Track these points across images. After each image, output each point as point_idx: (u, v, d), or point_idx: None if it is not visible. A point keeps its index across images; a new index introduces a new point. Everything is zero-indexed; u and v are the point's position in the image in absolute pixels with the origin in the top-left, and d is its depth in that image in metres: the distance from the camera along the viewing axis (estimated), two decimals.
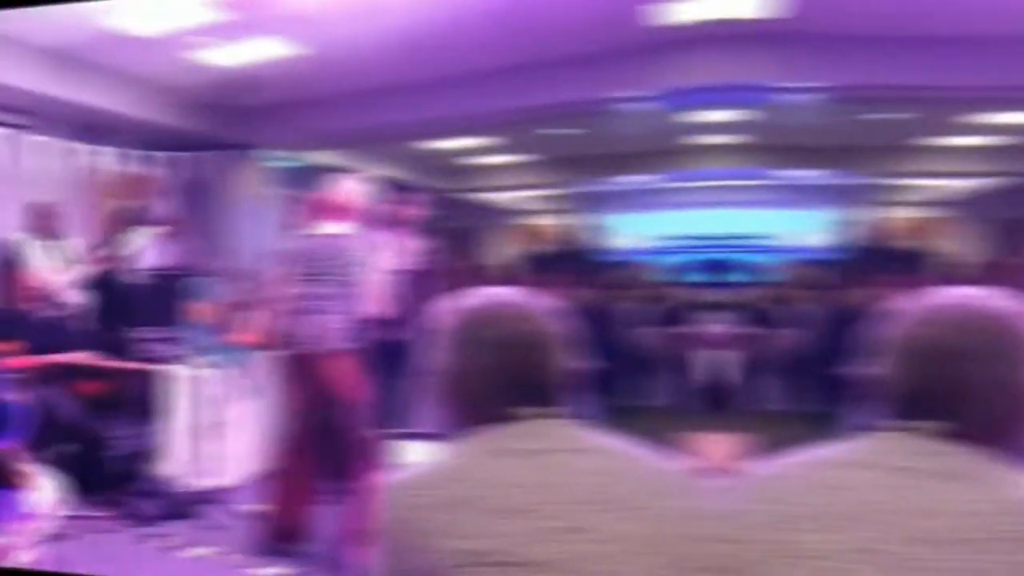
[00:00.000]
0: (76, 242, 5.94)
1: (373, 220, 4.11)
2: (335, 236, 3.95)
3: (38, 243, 5.62)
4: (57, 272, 5.57)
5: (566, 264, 10.20)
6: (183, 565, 4.04)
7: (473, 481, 1.23)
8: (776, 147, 8.52)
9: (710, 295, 7.07)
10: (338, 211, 4.00)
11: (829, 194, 10.58)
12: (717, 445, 3.34)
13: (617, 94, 6.24)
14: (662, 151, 9.92)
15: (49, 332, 5.08)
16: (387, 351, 4.39)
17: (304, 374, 3.92)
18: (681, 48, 5.45)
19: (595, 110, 6.98)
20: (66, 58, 5.51)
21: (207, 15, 5.03)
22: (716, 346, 5.08)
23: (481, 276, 9.08)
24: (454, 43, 5.84)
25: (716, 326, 5.96)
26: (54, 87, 5.51)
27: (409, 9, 5.32)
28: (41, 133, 5.37)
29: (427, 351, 1.37)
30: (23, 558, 3.14)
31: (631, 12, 5.07)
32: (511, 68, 6.31)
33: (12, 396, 2.87)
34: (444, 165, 12.90)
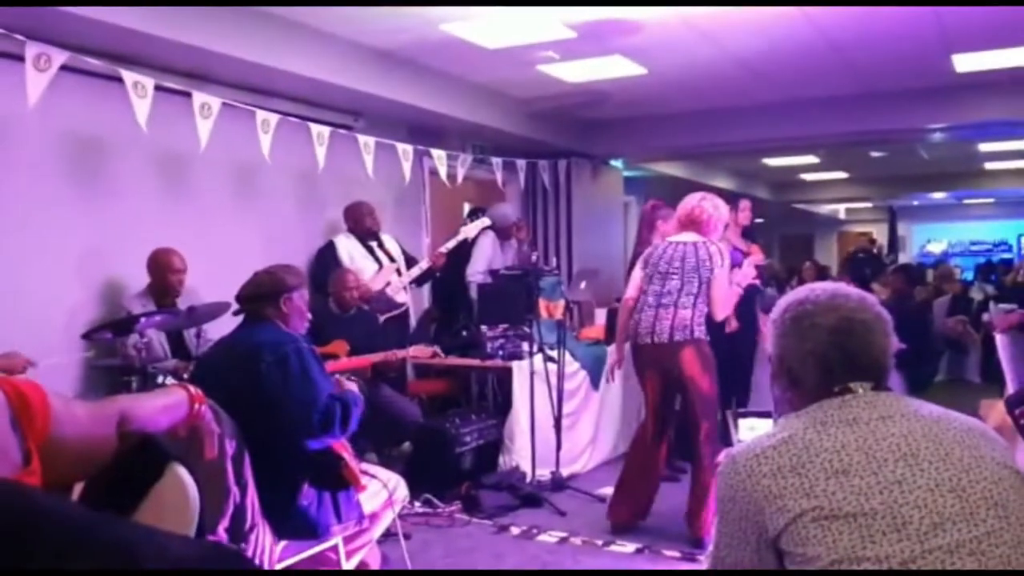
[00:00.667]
0: (392, 238, 6.14)
1: (717, 230, 4.45)
2: (684, 243, 4.30)
3: (359, 245, 5.76)
4: (384, 272, 5.70)
5: (877, 265, 11.52)
6: (541, 551, 4.23)
7: (803, 448, 1.41)
8: None
9: (989, 289, 10.26)
10: (688, 222, 4.38)
11: None
12: (996, 410, 3.72)
13: (928, 125, 7.62)
14: (961, 173, 13.80)
15: (381, 331, 5.35)
16: (728, 344, 5.12)
17: (655, 364, 4.29)
18: (978, 90, 6.87)
19: (909, 138, 8.88)
20: (404, 62, 5.77)
21: (554, 32, 5.01)
22: (994, 329, 5.82)
23: (808, 275, 9.66)
24: (792, 72, 6.39)
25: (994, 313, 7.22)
26: (391, 90, 5.76)
27: (752, 37, 5.45)
28: (376, 135, 5.61)
29: (773, 337, 1.59)
30: (368, 558, 3.26)
31: (943, 58, 6.02)
32: (841, 97, 7.23)
33: (349, 396, 2.91)
34: (776, 179, 14.57)
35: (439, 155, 6.17)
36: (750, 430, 1.83)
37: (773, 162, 11.94)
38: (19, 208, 4.29)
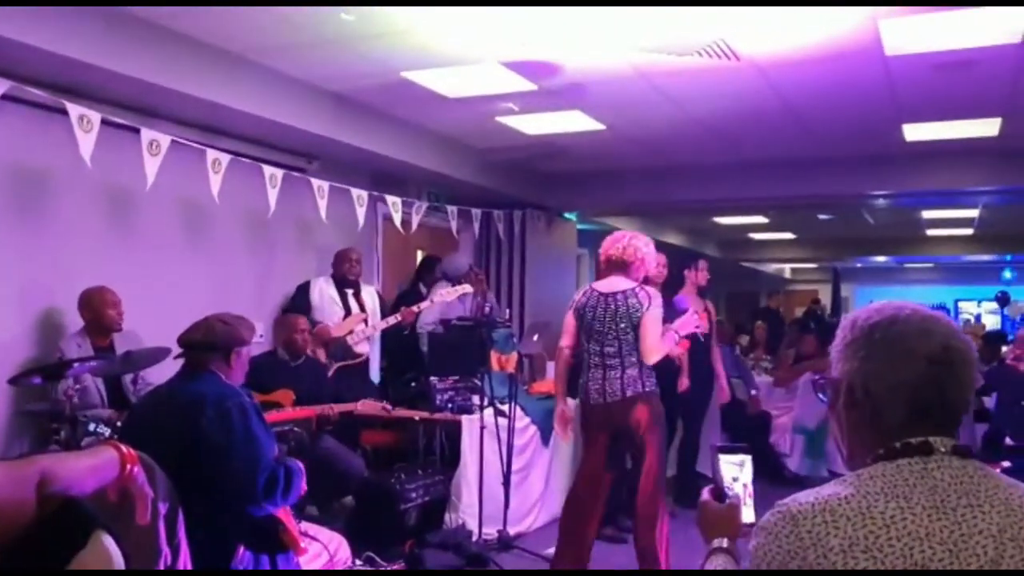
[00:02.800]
0: (373, 290, 6.07)
1: (646, 268, 4.31)
2: (612, 294, 4.16)
3: (335, 290, 5.72)
4: (349, 320, 5.64)
5: (823, 325, 11.25)
6: None
7: (883, 526, 1.21)
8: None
9: None
10: (618, 263, 4.23)
11: None
12: None
13: (875, 191, 7.85)
14: (903, 238, 14.25)
15: (328, 382, 5.20)
16: (679, 396, 5.10)
17: (606, 424, 4.17)
18: (925, 159, 7.12)
19: (856, 202, 9.17)
20: (362, 106, 5.71)
21: (514, 84, 5.00)
22: None
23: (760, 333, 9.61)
24: (747, 133, 6.51)
25: None
26: (347, 135, 5.67)
27: (710, 97, 5.49)
28: (330, 179, 5.53)
29: (847, 360, 1.34)
30: None
31: (894, 126, 6.19)
32: (794, 160, 7.39)
33: (290, 453, 2.77)
34: (726, 237, 14.83)
35: (394, 201, 6.09)
36: (735, 466, 1.67)
37: (724, 221, 12.12)
38: None
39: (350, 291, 5.77)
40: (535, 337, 6.47)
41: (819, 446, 7.53)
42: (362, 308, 5.77)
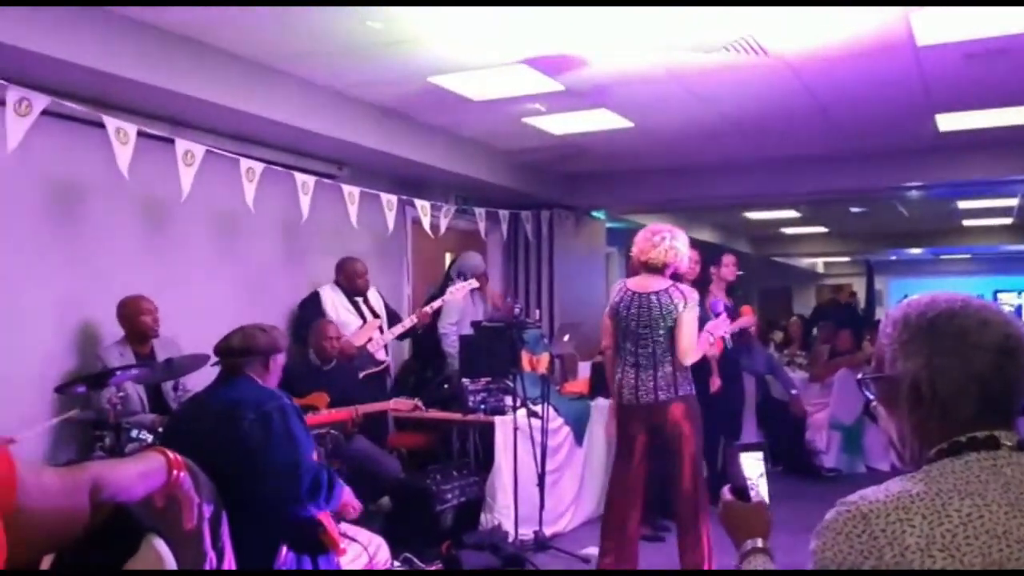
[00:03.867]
0: (379, 296, 6.08)
1: (682, 264, 4.26)
2: (646, 294, 4.12)
3: (345, 299, 5.72)
4: (367, 328, 5.65)
5: (848, 318, 10.95)
6: None
7: (960, 524, 1.18)
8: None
9: None
10: (660, 269, 4.17)
11: None
12: None
13: (908, 183, 7.77)
14: (938, 230, 14.08)
15: (360, 384, 5.25)
16: (713, 401, 5.05)
17: (643, 422, 4.16)
18: (960, 149, 7.00)
19: (889, 195, 9.13)
20: (391, 112, 5.77)
21: (540, 85, 5.03)
22: None
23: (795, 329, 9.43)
24: (777, 129, 6.45)
25: None
26: (376, 141, 5.72)
27: (739, 94, 5.47)
28: (360, 184, 5.57)
29: (909, 355, 1.30)
30: None
31: (927, 118, 6.11)
32: (825, 154, 7.32)
33: (326, 455, 2.81)
34: (757, 232, 14.77)
35: (423, 205, 6.13)
36: (755, 464, 1.67)
37: (755, 216, 12.04)
38: None
39: (360, 299, 5.79)
40: (566, 337, 6.48)
41: (856, 442, 7.47)
42: (375, 314, 5.80)
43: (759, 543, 1.56)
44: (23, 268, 4.29)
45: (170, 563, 1.50)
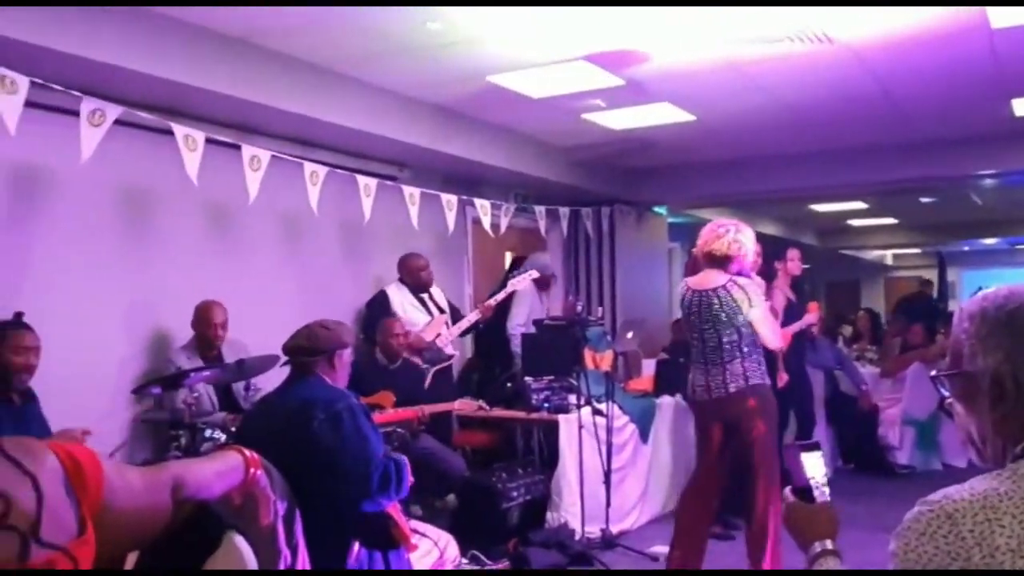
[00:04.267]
0: (457, 296, 6.16)
1: (748, 258, 4.15)
2: (705, 291, 4.06)
3: (411, 295, 5.80)
4: (435, 323, 5.73)
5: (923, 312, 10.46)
6: None
7: None
8: None
9: None
10: (720, 257, 4.08)
11: None
12: None
13: (982, 171, 7.54)
14: (1014, 219, 13.34)
15: (423, 383, 5.29)
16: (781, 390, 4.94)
17: (719, 417, 4.11)
18: None
19: (962, 184, 8.84)
20: (450, 113, 5.80)
21: (600, 80, 5.00)
22: None
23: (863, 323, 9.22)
24: (843, 118, 6.29)
25: None
26: (436, 141, 5.76)
27: (804, 84, 5.37)
28: (419, 185, 5.62)
29: (992, 349, 1.24)
30: None
31: (1002, 103, 5.90)
32: (893, 143, 7.14)
33: (395, 452, 2.83)
34: (824, 225, 14.39)
35: (483, 204, 6.15)
36: (816, 463, 1.61)
37: (821, 208, 11.80)
38: (70, 260, 4.32)
39: (425, 295, 5.86)
40: (629, 334, 6.44)
41: (931, 438, 7.27)
42: (440, 310, 5.87)
43: (828, 544, 1.52)
44: (98, 274, 4.42)
45: (250, 559, 1.52)
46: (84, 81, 3.77)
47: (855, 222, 14.11)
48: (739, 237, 4.08)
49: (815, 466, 1.60)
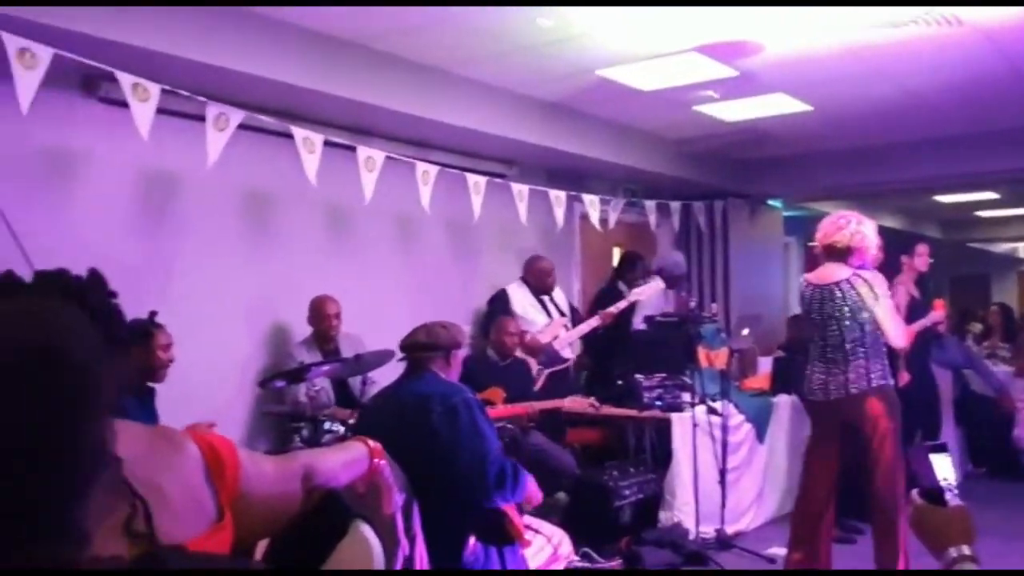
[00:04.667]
0: (565, 294, 6.16)
1: (869, 252, 3.99)
2: (826, 286, 3.93)
3: (532, 296, 5.84)
4: (553, 325, 5.74)
5: None
6: None
7: None
8: None
9: None
10: (842, 250, 3.95)
11: None
12: None
13: None
14: None
15: (533, 381, 5.30)
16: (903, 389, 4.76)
17: (835, 418, 3.99)
18: None
19: None
20: (558, 108, 5.78)
21: (713, 71, 4.89)
22: None
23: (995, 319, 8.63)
24: (971, 104, 5.97)
25: None
26: (545, 138, 5.75)
27: (928, 69, 5.13)
28: (527, 182, 5.62)
29: None
30: None
31: None
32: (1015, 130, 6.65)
33: (505, 450, 2.85)
34: (949, 216, 13.70)
35: (591, 200, 6.12)
36: (945, 465, 1.53)
37: (946, 199, 11.23)
38: (196, 261, 4.51)
39: (546, 297, 5.90)
40: (745, 331, 6.28)
41: None
42: (560, 312, 5.88)
43: (965, 550, 1.43)
44: (223, 273, 4.61)
45: (377, 548, 1.55)
46: (209, 87, 3.94)
47: (984, 213, 13.37)
48: (861, 229, 3.95)
49: (945, 468, 1.53)
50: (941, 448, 1.56)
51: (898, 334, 3.92)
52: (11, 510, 0.71)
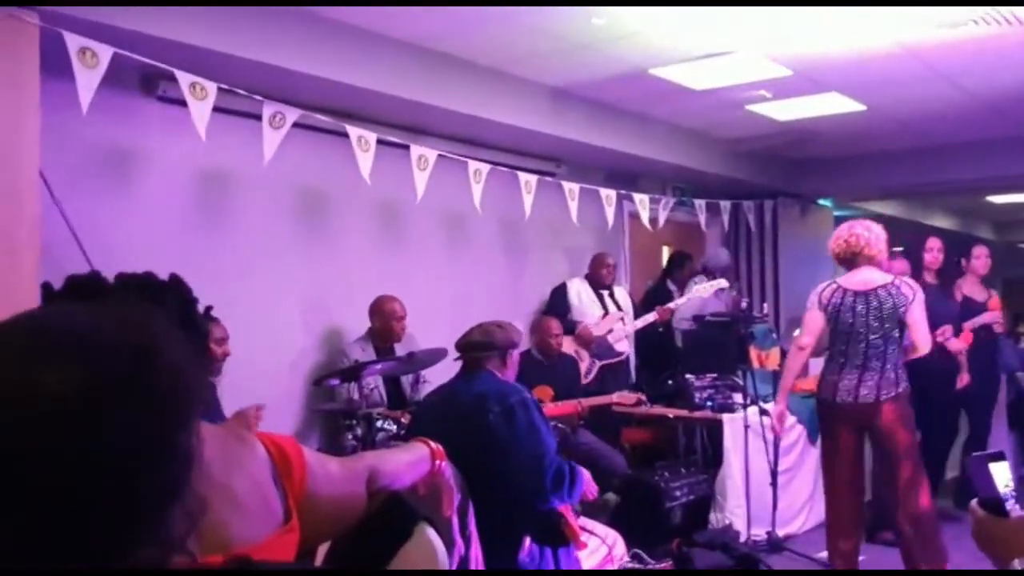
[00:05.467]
0: (624, 291, 6.17)
1: (929, 266, 4.18)
2: (872, 291, 3.97)
3: (591, 290, 5.91)
4: (608, 319, 5.77)
5: None
6: None
7: None
8: None
9: None
10: (872, 260, 4.04)
11: None
12: None
13: None
14: None
15: (579, 377, 5.30)
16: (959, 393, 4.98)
17: (850, 421, 4.03)
18: None
19: None
20: (609, 107, 5.74)
21: (767, 71, 4.83)
22: None
23: None
24: (1017, 106, 5.85)
25: None
26: (596, 136, 5.72)
27: (987, 68, 5.03)
28: (576, 180, 5.62)
29: None
30: None
31: None
32: None
33: (558, 448, 2.85)
34: (1002, 217, 13.34)
35: (641, 199, 6.09)
36: (1003, 474, 1.48)
37: (1000, 200, 10.98)
38: (250, 257, 4.57)
39: (605, 292, 5.94)
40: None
41: None
42: (618, 307, 5.90)
43: None
44: (277, 269, 4.67)
45: (441, 552, 1.55)
46: (265, 86, 3.98)
47: None
48: (880, 233, 4.08)
49: (1004, 477, 1.49)
50: (999, 457, 1.52)
51: (927, 340, 4.02)
52: (115, 513, 0.72)
